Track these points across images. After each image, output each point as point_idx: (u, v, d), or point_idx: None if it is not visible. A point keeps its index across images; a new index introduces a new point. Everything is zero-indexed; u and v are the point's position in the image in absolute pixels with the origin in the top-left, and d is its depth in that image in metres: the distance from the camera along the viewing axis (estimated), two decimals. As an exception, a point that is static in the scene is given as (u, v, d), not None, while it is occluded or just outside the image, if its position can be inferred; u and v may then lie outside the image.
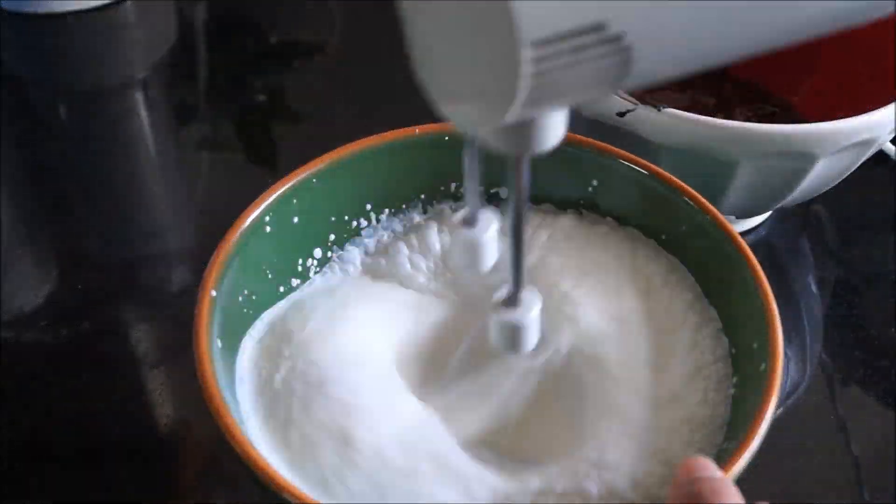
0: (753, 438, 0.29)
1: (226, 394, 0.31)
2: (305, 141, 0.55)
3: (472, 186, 0.29)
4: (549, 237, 0.39)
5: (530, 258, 0.38)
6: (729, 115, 0.45)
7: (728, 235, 0.35)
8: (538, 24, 0.18)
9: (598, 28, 0.19)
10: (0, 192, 0.52)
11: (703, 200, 0.36)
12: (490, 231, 0.30)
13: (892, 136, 0.42)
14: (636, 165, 0.37)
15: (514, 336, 0.29)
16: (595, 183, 0.39)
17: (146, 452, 0.40)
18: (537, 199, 0.40)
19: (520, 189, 0.25)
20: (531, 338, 0.29)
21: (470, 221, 0.30)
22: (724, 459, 0.29)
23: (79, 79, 0.61)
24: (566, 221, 0.39)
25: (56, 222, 0.51)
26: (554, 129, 0.23)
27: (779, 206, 0.45)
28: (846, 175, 0.44)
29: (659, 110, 0.40)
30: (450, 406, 0.35)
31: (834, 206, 0.50)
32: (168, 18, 0.64)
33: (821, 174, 0.42)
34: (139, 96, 0.59)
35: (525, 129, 0.23)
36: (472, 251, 0.30)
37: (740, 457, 0.29)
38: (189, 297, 0.48)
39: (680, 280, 0.37)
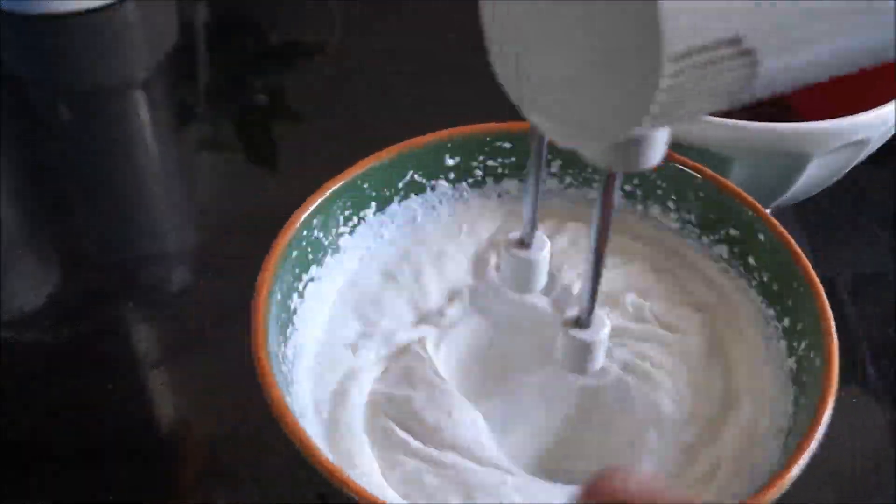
0: (792, 468, 0.29)
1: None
2: (305, 141, 0.55)
3: (529, 207, 0.29)
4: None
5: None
6: (728, 115, 0.45)
7: (789, 250, 0.35)
8: (682, 35, 0.18)
9: (734, 42, 0.18)
10: (0, 192, 0.53)
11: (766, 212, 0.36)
12: (543, 252, 0.30)
13: (889, 137, 0.42)
14: (691, 169, 0.38)
15: (583, 356, 0.28)
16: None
17: (146, 452, 0.40)
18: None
19: (607, 206, 0.24)
20: (599, 358, 0.29)
21: (524, 242, 0.30)
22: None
23: (79, 79, 0.61)
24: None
25: (56, 222, 0.51)
26: (659, 146, 0.22)
27: (774, 205, 0.45)
28: (842, 175, 0.44)
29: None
30: (504, 427, 0.35)
31: (832, 206, 0.50)
32: (168, 19, 0.64)
33: (815, 174, 0.42)
34: (139, 96, 0.59)
35: (632, 146, 0.22)
36: (525, 271, 0.30)
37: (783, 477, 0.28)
38: (189, 297, 0.48)
39: (737, 289, 0.37)
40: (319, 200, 0.36)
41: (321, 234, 0.36)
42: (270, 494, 0.38)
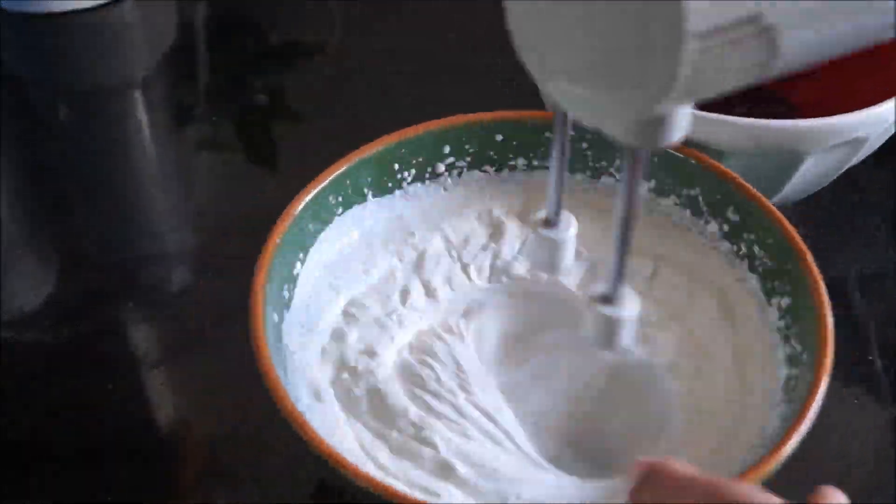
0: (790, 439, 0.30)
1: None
2: (305, 141, 0.55)
3: (554, 187, 0.29)
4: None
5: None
6: (728, 112, 0.45)
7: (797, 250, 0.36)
8: (704, 15, 0.18)
9: (754, 20, 0.19)
10: (0, 192, 0.53)
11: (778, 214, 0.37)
12: (570, 232, 0.30)
13: (889, 135, 0.42)
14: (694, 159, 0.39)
15: (611, 332, 0.28)
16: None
17: (146, 452, 0.40)
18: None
19: (634, 183, 0.24)
20: (627, 334, 0.29)
21: (550, 222, 0.30)
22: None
23: (79, 79, 0.61)
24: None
25: (56, 222, 0.51)
26: (682, 123, 0.23)
27: (772, 203, 0.45)
28: (839, 174, 0.44)
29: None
30: (520, 384, 0.35)
31: (832, 206, 0.50)
32: (168, 18, 0.64)
33: (811, 171, 0.42)
34: (139, 96, 0.59)
35: (655, 124, 0.22)
36: (552, 252, 0.30)
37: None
38: (189, 297, 0.48)
39: (744, 278, 0.38)
40: (336, 174, 0.38)
41: (329, 210, 0.38)
42: (270, 494, 0.38)
